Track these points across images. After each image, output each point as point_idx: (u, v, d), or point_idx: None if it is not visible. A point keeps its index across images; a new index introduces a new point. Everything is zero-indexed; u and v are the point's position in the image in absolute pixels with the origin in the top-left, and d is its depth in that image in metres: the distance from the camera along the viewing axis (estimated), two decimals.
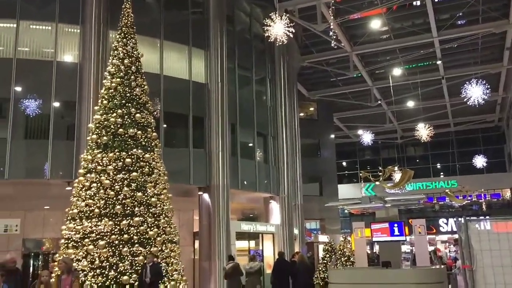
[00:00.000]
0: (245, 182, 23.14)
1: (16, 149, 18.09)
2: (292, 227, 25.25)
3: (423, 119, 35.04)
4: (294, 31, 16.52)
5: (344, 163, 49.85)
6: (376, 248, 27.70)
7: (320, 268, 15.60)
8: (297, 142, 28.45)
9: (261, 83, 26.23)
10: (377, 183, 14.53)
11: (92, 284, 12.70)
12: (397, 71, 32.18)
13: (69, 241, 13.57)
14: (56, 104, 19.05)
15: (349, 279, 11.64)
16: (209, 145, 21.27)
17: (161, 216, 14.30)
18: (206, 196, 21.03)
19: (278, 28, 16.17)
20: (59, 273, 8.88)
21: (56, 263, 14.29)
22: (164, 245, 14.00)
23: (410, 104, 36.57)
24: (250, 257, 15.79)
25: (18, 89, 18.56)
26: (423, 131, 28.05)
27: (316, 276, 15.80)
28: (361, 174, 16.08)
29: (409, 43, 28.13)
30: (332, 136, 38.95)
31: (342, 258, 15.33)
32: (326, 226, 35.40)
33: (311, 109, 38.15)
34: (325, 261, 15.55)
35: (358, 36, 27.88)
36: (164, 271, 13.41)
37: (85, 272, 12.85)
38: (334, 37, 22.66)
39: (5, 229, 19.15)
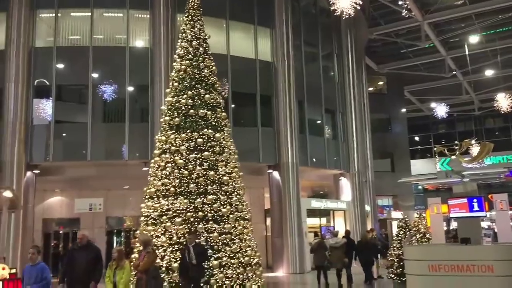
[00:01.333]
0: (314, 159, 23.05)
1: (96, 132, 19.15)
2: (363, 204, 24.91)
3: (503, 88, 32.88)
4: (361, 2, 15.98)
5: (416, 138, 48.08)
6: (453, 224, 26.70)
7: (394, 245, 15.30)
8: (366, 118, 27.82)
9: (328, 59, 25.77)
10: (453, 157, 13.92)
11: (171, 258, 13.31)
12: (473, 39, 30.30)
13: (148, 219, 14.25)
14: (130, 88, 19.88)
15: (426, 256, 11.32)
16: (277, 123, 21.33)
17: (233, 194, 14.62)
18: (275, 174, 21.20)
19: (344, 1, 15.72)
20: (140, 248, 9.51)
21: (136, 239, 15.16)
22: (237, 222, 14.33)
23: (489, 73, 34.39)
24: (334, 233, 16.60)
25: (95, 75, 19.54)
26: (503, 101, 26.36)
27: (390, 253, 15.54)
28: (435, 149, 15.45)
29: (486, 8, 26.31)
30: (404, 110, 37.63)
31: (417, 235, 14.91)
32: (399, 203, 34.55)
33: (381, 83, 36.99)
34: (400, 238, 15.20)
35: (430, 3, 26.47)
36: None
37: (164, 248, 13.48)
38: (405, 6, 21.68)
39: (90, 208, 20.47)
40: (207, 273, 13.15)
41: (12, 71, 18.64)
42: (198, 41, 15.73)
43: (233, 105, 20.50)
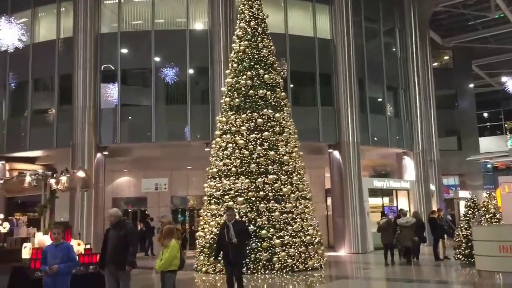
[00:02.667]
0: (375, 138, 22.56)
1: (159, 114, 19.75)
2: (428, 183, 24.14)
3: None
4: None
5: (485, 114, 45.66)
6: None
7: (462, 225, 14.78)
8: (431, 94, 26.73)
9: (390, 34, 24.90)
10: None
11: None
12: None
13: (211, 198, 14.65)
14: (191, 71, 20.27)
15: (496, 236, 10.88)
16: (337, 102, 21.00)
17: (293, 174, 14.69)
18: (336, 154, 20.97)
19: None
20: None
21: (200, 218, 15.59)
22: (298, 202, 14.41)
23: None
24: (403, 212, 16.54)
25: (157, 59, 20.06)
26: None
27: (457, 233, 15.04)
28: (506, 125, 14.66)
29: None
30: (471, 85, 35.79)
31: (487, 215, 14.30)
32: (466, 182, 33.17)
33: (446, 57, 35.31)
34: (468, 218, 14.65)
35: None
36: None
37: None
38: None
39: (155, 187, 21.28)
40: (267, 251, 13.36)
41: (80, 58, 19.51)
42: (256, 21, 15.73)
43: (292, 85, 20.38)
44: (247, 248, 10.73)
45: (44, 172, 11.21)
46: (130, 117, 20.32)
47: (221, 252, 9.71)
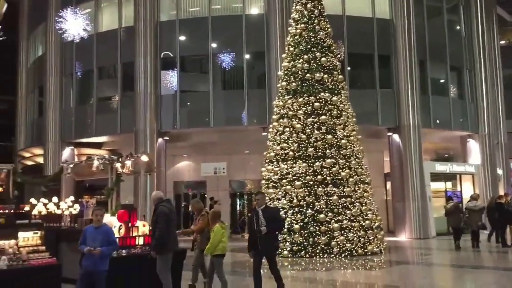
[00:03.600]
0: (437, 121, 21.75)
1: (217, 100, 20.06)
2: (494, 167, 23.04)
3: None
4: None
5: None
6: None
7: None
8: (498, 74, 25.33)
9: (454, 12, 23.75)
10: None
11: (292, 220, 13.71)
12: None
13: (269, 182, 14.78)
14: (248, 56, 20.37)
15: None
16: (397, 84, 20.41)
17: (351, 158, 14.52)
18: (396, 137, 20.45)
19: None
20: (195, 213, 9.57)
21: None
22: (356, 186, 14.26)
23: None
24: (474, 196, 16.43)
25: (214, 45, 20.31)
26: None
27: None
28: None
29: None
30: None
31: None
32: None
33: None
34: None
35: None
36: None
37: (285, 210, 13.91)
38: None
39: (214, 172, 21.72)
40: (326, 235, 13.34)
41: (141, 46, 20.11)
42: (313, 3, 15.54)
43: (349, 67, 20.00)
44: (279, 237, 9.16)
45: (110, 156, 11.74)
46: (189, 103, 20.79)
47: None
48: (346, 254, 13.41)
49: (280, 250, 13.56)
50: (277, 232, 8.59)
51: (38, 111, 25.00)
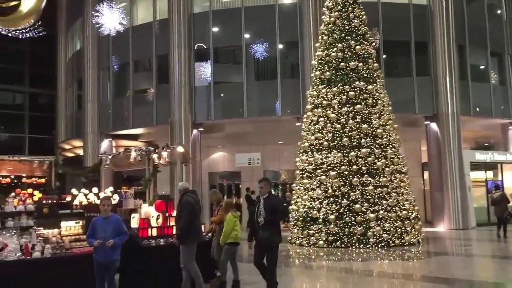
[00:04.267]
0: (477, 108, 21.10)
1: (251, 90, 20.07)
2: None
3: None
4: None
5: None
6: None
7: None
8: None
9: None
10: None
11: (327, 211, 13.65)
12: None
13: (303, 172, 14.74)
14: (281, 46, 20.26)
15: None
16: (435, 71, 19.87)
17: (387, 147, 14.29)
18: (433, 125, 19.97)
19: None
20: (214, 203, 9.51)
21: (293, 192, 15.75)
22: (392, 176, 14.05)
23: None
24: None
25: (247, 36, 20.29)
26: None
27: None
28: None
29: None
30: None
31: None
32: None
33: None
34: None
35: None
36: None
37: (320, 200, 13.86)
38: None
39: (249, 162, 21.81)
40: (362, 226, 13.21)
41: (175, 38, 20.30)
42: None
43: (385, 55, 19.61)
44: (280, 232, 7.86)
45: (147, 148, 11.98)
46: (222, 94, 20.90)
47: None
48: (382, 244, 13.26)
49: (315, 241, 13.57)
50: (280, 226, 7.80)
51: (77, 104, 25.70)
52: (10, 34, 17.68)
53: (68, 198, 12.55)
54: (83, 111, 23.54)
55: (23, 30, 17.75)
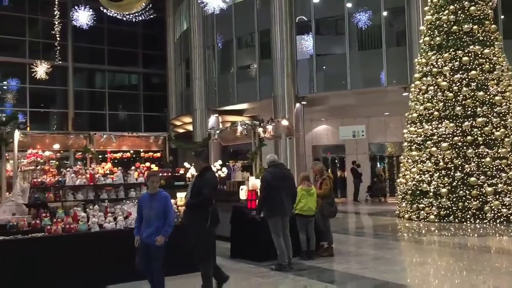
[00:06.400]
0: None
1: (354, 61, 19.56)
2: None
3: None
4: None
5: None
6: None
7: None
8: None
9: None
10: None
11: (439, 184, 13.03)
12: None
13: (412, 144, 14.14)
14: (385, 13, 19.39)
15: None
16: None
17: (507, 116, 13.19)
18: None
19: None
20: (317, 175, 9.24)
21: (401, 165, 15.20)
22: None
23: None
24: None
25: (349, 4, 19.68)
26: None
27: None
28: None
29: None
30: None
31: None
32: None
33: None
34: None
35: None
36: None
37: (431, 173, 13.25)
38: None
39: (353, 135, 21.41)
40: (478, 200, 12.41)
41: (277, 12, 20.30)
42: None
43: (503, 16, 17.89)
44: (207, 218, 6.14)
45: (252, 122, 12.25)
46: (325, 67, 20.63)
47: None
48: (501, 220, 12.38)
49: (425, 215, 13.05)
50: (206, 210, 6.08)
51: (185, 82, 26.98)
52: (124, 18, 19.01)
53: (181, 171, 13.32)
54: (191, 88, 24.69)
55: (136, 14, 18.99)
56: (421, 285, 6.90)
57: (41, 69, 21.78)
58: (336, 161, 24.21)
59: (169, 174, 12.65)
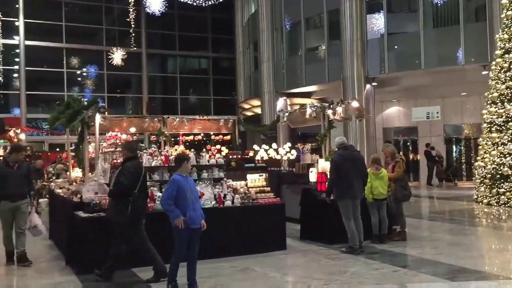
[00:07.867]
0: None
1: (428, 40, 18.69)
2: None
3: None
4: None
5: None
6: None
7: None
8: None
9: None
10: None
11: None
12: None
13: (492, 125, 13.39)
14: None
15: None
16: None
17: None
18: None
19: None
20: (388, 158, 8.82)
21: (479, 147, 14.48)
22: None
23: None
24: None
25: None
26: None
27: None
28: None
29: None
30: None
31: None
32: None
33: None
34: None
35: None
36: None
37: None
38: None
39: (427, 116, 20.57)
40: None
41: None
42: None
43: None
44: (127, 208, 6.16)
45: (322, 104, 12.12)
46: (396, 46, 19.91)
47: None
48: None
49: (506, 200, 12.37)
50: (123, 201, 6.13)
51: (254, 65, 27.12)
52: (195, 3, 19.38)
53: (251, 154, 13.51)
54: (259, 71, 24.78)
55: None
56: (500, 273, 6.59)
57: (117, 56, 22.81)
58: (408, 143, 23.43)
59: (239, 156, 12.87)
